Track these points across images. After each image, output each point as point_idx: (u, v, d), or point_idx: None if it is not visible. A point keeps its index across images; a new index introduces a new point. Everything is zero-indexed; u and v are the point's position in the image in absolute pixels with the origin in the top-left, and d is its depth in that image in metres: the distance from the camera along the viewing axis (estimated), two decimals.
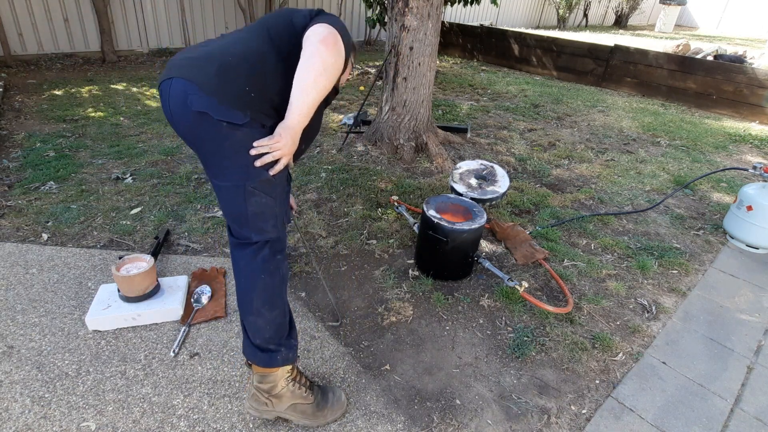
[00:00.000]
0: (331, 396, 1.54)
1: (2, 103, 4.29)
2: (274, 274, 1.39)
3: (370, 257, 2.42)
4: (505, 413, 1.62)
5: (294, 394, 1.45)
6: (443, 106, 5.24)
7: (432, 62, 3.54)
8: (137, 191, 2.89)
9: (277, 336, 1.41)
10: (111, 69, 5.89)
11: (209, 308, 1.95)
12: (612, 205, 3.19)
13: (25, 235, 2.39)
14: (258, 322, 1.39)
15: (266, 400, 1.44)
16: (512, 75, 7.38)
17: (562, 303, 2.15)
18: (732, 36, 15.70)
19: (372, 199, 2.97)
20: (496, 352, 1.88)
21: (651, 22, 17.69)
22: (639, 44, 8.52)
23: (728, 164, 4.13)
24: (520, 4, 12.86)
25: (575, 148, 4.22)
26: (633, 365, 1.86)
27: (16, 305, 1.91)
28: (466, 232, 2.10)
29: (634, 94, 6.53)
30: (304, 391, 1.47)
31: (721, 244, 2.83)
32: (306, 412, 1.47)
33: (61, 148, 3.42)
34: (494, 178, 2.71)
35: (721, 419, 1.66)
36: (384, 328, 1.96)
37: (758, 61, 7.13)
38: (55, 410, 1.49)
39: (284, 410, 1.46)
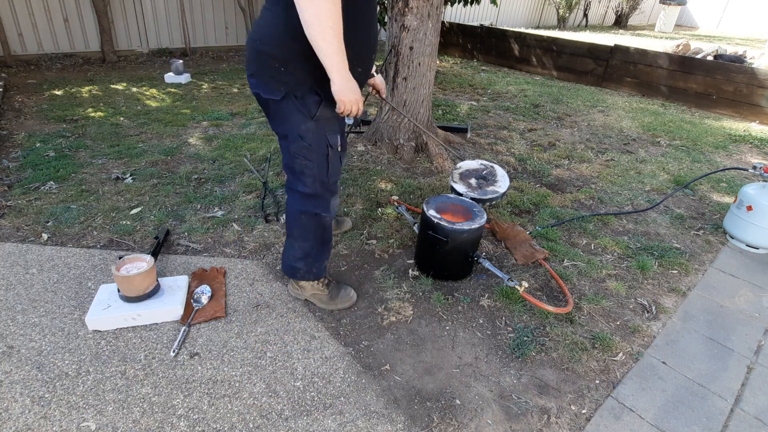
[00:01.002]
0: (342, 292, 2.05)
1: (2, 103, 4.29)
2: (310, 221, 1.82)
3: (370, 257, 2.42)
4: (505, 413, 1.62)
5: (314, 287, 2.00)
6: (443, 106, 5.24)
7: (432, 62, 3.54)
8: (137, 191, 2.89)
9: (302, 261, 1.90)
10: (111, 69, 5.89)
11: (209, 308, 1.95)
12: (612, 205, 3.19)
13: (25, 235, 2.39)
14: (291, 245, 1.90)
15: (297, 287, 2.04)
16: (512, 75, 7.38)
17: (562, 303, 2.15)
18: (732, 36, 15.70)
19: (372, 199, 2.97)
20: (496, 352, 1.88)
21: (651, 22, 17.69)
22: (639, 44, 8.52)
23: (728, 164, 4.13)
24: (520, 4, 12.86)
25: (575, 148, 4.23)
26: (633, 365, 1.86)
27: (16, 305, 1.91)
28: (466, 232, 2.10)
29: (634, 94, 6.53)
30: (322, 286, 2.01)
31: (721, 244, 2.83)
32: (322, 300, 2.03)
33: (61, 148, 3.42)
34: (494, 178, 2.71)
35: (721, 419, 1.66)
36: (384, 328, 1.96)
37: (758, 61, 7.13)
38: (55, 410, 1.49)
39: (308, 296, 2.04)
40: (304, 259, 1.90)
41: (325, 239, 1.91)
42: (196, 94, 5.12)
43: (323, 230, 1.87)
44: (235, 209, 2.76)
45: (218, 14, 7.28)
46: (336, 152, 1.75)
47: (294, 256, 1.90)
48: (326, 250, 1.95)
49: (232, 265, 2.27)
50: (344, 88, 1.49)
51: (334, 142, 1.73)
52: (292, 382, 1.67)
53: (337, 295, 2.03)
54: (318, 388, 1.65)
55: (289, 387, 1.65)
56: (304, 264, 1.91)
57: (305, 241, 1.86)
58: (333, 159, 1.75)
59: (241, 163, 3.37)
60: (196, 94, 5.09)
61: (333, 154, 1.73)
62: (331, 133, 1.71)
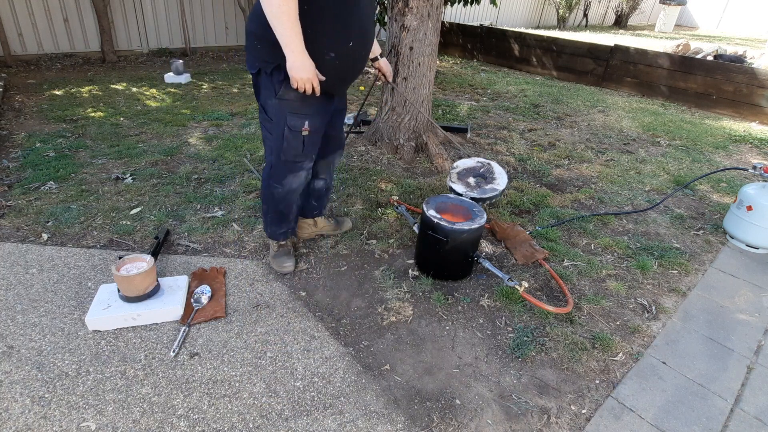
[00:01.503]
0: (282, 258, 2.25)
1: (2, 103, 4.29)
2: (267, 189, 2.06)
3: (370, 257, 2.42)
4: (505, 413, 1.62)
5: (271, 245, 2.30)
6: (443, 106, 5.24)
7: (432, 62, 3.54)
8: (137, 191, 2.89)
9: (263, 218, 2.22)
10: (111, 69, 5.89)
11: (209, 308, 1.95)
12: (612, 205, 3.19)
13: (25, 235, 2.39)
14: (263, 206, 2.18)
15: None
16: (512, 75, 7.38)
17: (562, 303, 2.15)
18: (732, 36, 15.70)
19: (372, 199, 2.97)
20: (496, 352, 1.88)
21: (651, 22, 17.68)
22: (639, 44, 8.52)
23: (728, 164, 4.13)
24: (520, 4, 12.86)
25: (575, 148, 4.23)
26: (633, 365, 1.86)
27: (16, 305, 1.91)
28: (466, 232, 2.10)
29: (634, 94, 6.53)
30: (276, 247, 2.28)
31: (721, 244, 2.83)
32: (269, 255, 2.32)
33: (61, 148, 3.42)
34: (492, 175, 2.71)
35: (721, 419, 1.66)
36: (384, 328, 1.96)
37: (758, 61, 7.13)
38: (55, 410, 1.49)
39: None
40: (264, 218, 2.20)
41: (279, 209, 2.11)
42: (196, 94, 5.12)
43: (275, 201, 2.07)
44: (235, 209, 2.76)
45: (218, 14, 7.28)
46: (296, 134, 1.87)
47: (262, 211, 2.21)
48: (281, 219, 2.16)
49: (232, 265, 2.27)
50: (295, 66, 1.63)
51: (294, 123, 1.85)
52: (292, 382, 1.67)
53: (277, 258, 2.25)
54: (318, 388, 1.65)
55: (289, 387, 1.65)
56: (263, 221, 2.22)
57: (264, 203, 2.14)
58: (290, 139, 1.88)
59: (241, 163, 3.37)
60: (196, 94, 5.09)
61: (290, 134, 1.87)
62: (293, 115, 1.83)
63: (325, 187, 2.38)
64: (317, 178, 2.31)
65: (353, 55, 1.81)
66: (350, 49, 1.77)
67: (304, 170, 2.04)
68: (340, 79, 1.88)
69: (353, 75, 1.94)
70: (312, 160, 2.04)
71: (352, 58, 1.82)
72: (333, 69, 1.77)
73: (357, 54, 1.82)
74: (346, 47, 1.74)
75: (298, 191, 2.10)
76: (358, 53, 1.82)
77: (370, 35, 1.86)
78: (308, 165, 2.04)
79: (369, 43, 1.88)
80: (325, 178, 2.34)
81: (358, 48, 1.80)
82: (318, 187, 2.35)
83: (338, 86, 1.91)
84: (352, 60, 1.83)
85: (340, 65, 1.78)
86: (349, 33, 1.72)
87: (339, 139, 2.24)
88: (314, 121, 1.90)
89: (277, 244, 2.28)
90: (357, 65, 1.89)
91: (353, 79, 1.99)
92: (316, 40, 1.67)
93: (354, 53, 1.80)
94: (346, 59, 1.79)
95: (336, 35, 1.70)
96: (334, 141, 2.20)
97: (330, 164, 2.30)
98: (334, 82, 1.84)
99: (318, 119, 1.91)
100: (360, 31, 1.76)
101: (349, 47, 1.76)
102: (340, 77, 1.86)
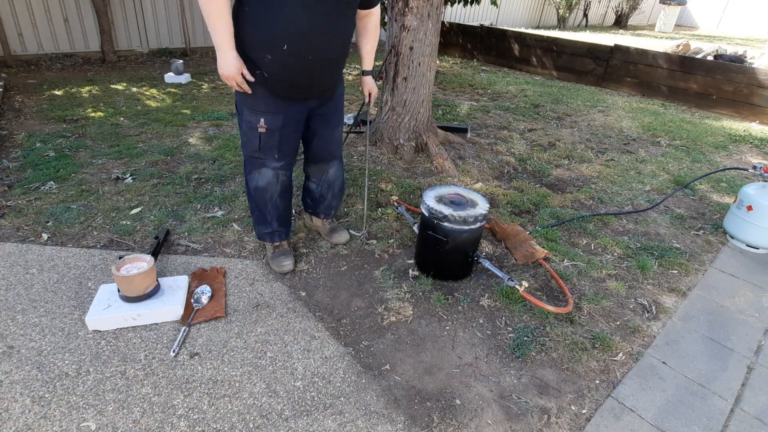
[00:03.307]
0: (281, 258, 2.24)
1: (2, 103, 4.29)
2: (246, 183, 2.10)
3: (370, 257, 2.42)
4: (505, 413, 1.62)
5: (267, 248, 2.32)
6: (443, 106, 5.24)
7: (432, 62, 3.54)
8: (137, 191, 2.89)
9: (253, 220, 2.23)
10: (111, 69, 5.89)
11: (209, 308, 1.95)
12: (612, 205, 3.19)
13: (25, 235, 2.39)
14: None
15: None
16: (512, 75, 7.38)
17: (562, 303, 2.15)
18: (732, 36, 15.69)
19: (372, 199, 2.97)
20: (496, 352, 1.88)
21: (651, 22, 17.68)
22: (639, 44, 8.52)
23: (728, 164, 4.13)
24: (520, 4, 12.86)
25: (575, 148, 4.22)
26: (633, 365, 1.86)
27: (16, 305, 1.91)
28: (466, 231, 2.10)
29: (634, 94, 6.53)
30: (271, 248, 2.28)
31: (721, 244, 2.83)
32: (267, 257, 2.33)
33: (61, 148, 3.42)
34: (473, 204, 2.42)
35: (721, 419, 1.66)
36: (384, 328, 1.96)
37: (758, 61, 7.13)
38: (55, 410, 1.49)
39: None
40: (251, 216, 2.22)
41: (258, 204, 2.11)
42: (196, 94, 5.12)
43: (250, 197, 2.11)
44: (235, 209, 2.76)
45: None
46: (252, 130, 1.89)
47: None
48: (262, 219, 2.16)
49: (232, 265, 2.27)
50: (219, 62, 1.70)
51: (249, 119, 1.88)
52: (292, 382, 1.67)
53: (275, 259, 2.24)
54: (318, 388, 1.65)
55: (289, 387, 1.65)
56: (256, 225, 2.22)
57: (248, 200, 2.17)
58: (248, 133, 1.92)
59: (241, 163, 3.37)
60: (196, 94, 5.09)
61: (247, 129, 1.91)
62: (249, 110, 1.86)
63: (318, 193, 2.34)
64: (309, 179, 2.33)
65: (296, 59, 1.73)
66: (287, 52, 1.69)
67: (270, 169, 2.00)
68: (292, 84, 1.82)
69: (310, 81, 1.86)
70: (279, 160, 1.99)
71: (297, 63, 1.74)
72: (277, 71, 1.75)
73: (300, 59, 1.74)
74: (280, 50, 1.69)
75: (269, 192, 2.06)
76: (301, 58, 1.73)
77: (319, 40, 1.73)
78: (274, 165, 1.99)
79: (322, 49, 1.77)
80: (316, 183, 2.30)
81: (300, 52, 1.71)
82: (310, 189, 2.35)
83: (292, 90, 1.85)
84: (296, 64, 1.75)
85: (282, 68, 1.74)
86: (280, 35, 1.66)
87: (327, 147, 2.17)
88: (272, 120, 1.87)
89: (271, 245, 2.28)
90: (309, 69, 1.79)
91: (316, 85, 1.92)
92: (253, 40, 1.69)
93: (295, 57, 1.72)
94: (288, 62, 1.73)
95: (266, 37, 1.68)
96: (320, 147, 2.15)
97: (322, 171, 2.26)
98: (283, 85, 1.80)
99: (278, 119, 1.88)
100: (297, 35, 1.67)
101: (284, 50, 1.69)
102: (290, 81, 1.81)
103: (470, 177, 3.43)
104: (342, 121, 2.21)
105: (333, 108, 2.09)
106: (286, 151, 2.00)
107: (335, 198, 2.40)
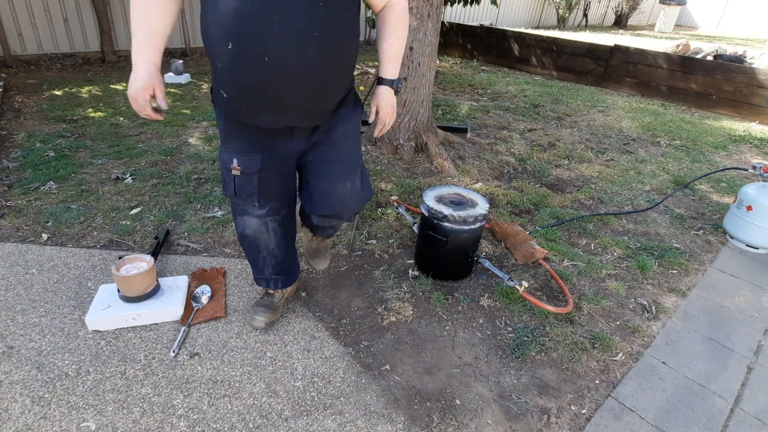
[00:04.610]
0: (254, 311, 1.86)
1: (2, 103, 4.29)
2: (235, 226, 1.71)
3: (370, 257, 2.42)
4: (505, 413, 1.62)
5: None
6: (443, 106, 5.24)
7: (432, 62, 3.54)
8: (137, 191, 2.89)
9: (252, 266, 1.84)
10: (111, 69, 5.88)
11: (209, 308, 1.95)
12: (612, 205, 3.19)
13: (25, 235, 2.39)
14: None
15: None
16: (512, 75, 7.38)
17: (562, 303, 2.15)
18: (732, 36, 15.70)
19: (372, 199, 2.97)
20: (496, 352, 1.88)
21: (651, 22, 17.68)
22: (639, 44, 8.52)
23: (728, 164, 4.13)
24: (520, 4, 12.86)
25: (575, 148, 4.22)
26: (633, 365, 1.86)
27: (16, 305, 1.91)
28: (466, 231, 2.10)
29: (634, 94, 6.53)
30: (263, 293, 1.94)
31: (721, 244, 2.83)
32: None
33: (60, 148, 3.42)
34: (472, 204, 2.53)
35: (721, 419, 1.66)
36: (384, 328, 1.96)
37: (758, 61, 7.13)
38: (55, 410, 1.49)
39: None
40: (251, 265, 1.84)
41: (248, 252, 1.76)
42: (196, 94, 5.12)
43: (238, 237, 1.73)
44: None
45: None
46: (227, 170, 1.49)
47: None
48: (255, 265, 1.80)
49: (232, 265, 2.27)
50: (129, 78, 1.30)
51: (223, 158, 1.49)
52: (292, 382, 1.67)
53: (252, 308, 1.88)
54: (318, 388, 1.65)
55: (289, 387, 1.65)
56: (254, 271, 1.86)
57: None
58: (224, 174, 1.52)
59: None
60: (196, 94, 5.09)
61: (224, 170, 1.51)
62: (223, 148, 1.49)
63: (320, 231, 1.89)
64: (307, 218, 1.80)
65: (247, 63, 1.20)
66: (233, 52, 1.19)
67: (253, 217, 1.60)
68: (252, 104, 1.30)
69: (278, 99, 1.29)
70: (262, 207, 1.57)
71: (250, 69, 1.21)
72: (228, 84, 1.28)
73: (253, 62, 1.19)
74: (226, 50, 1.20)
75: (261, 241, 1.68)
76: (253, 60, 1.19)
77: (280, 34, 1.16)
78: (257, 212, 1.58)
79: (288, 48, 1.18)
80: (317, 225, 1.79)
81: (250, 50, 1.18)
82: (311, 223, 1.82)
83: (259, 116, 1.34)
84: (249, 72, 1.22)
85: (232, 79, 1.26)
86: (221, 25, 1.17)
87: (331, 204, 1.60)
88: (248, 162, 1.45)
89: (263, 289, 1.93)
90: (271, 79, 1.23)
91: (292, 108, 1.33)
92: (205, 41, 1.26)
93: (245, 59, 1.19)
94: (237, 69, 1.23)
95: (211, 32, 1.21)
96: (322, 204, 1.60)
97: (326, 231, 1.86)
98: (241, 106, 1.33)
99: (255, 160, 1.45)
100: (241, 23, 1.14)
101: (230, 50, 1.19)
102: (249, 100, 1.29)
103: (470, 177, 3.43)
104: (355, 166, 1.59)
105: (333, 150, 1.52)
106: (272, 197, 1.56)
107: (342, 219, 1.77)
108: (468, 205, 2.16)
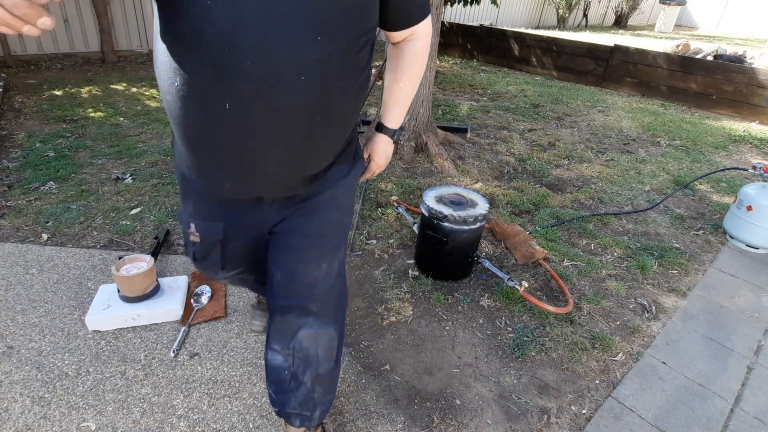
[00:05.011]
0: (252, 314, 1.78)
1: (2, 103, 4.29)
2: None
3: (370, 257, 2.42)
4: (505, 413, 1.62)
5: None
6: (443, 106, 5.24)
7: (432, 62, 3.54)
8: (137, 191, 2.89)
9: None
10: (111, 69, 5.88)
11: (209, 308, 1.95)
12: (612, 205, 3.19)
13: (25, 235, 2.39)
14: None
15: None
16: (512, 75, 7.38)
17: (562, 303, 2.15)
18: (732, 36, 15.70)
19: (372, 199, 2.97)
20: (496, 352, 1.88)
21: (651, 22, 17.68)
22: (639, 44, 8.52)
23: (728, 164, 4.13)
24: (520, 4, 12.86)
25: (575, 148, 4.23)
26: (633, 365, 1.86)
27: (16, 305, 1.91)
28: (466, 232, 2.10)
29: (634, 94, 6.53)
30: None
31: (721, 244, 2.83)
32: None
33: (60, 148, 3.42)
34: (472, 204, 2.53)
35: (721, 419, 1.66)
36: (384, 328, 1.96)
37: (758, 61, 7.13)
38: (55, 410, 1.49)
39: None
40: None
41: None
42: None
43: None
44: None
45: None
46: (186, 233, 1.19)
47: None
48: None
49: None
50: None
51: (181, 218, 1.19)
52: None
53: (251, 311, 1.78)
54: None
55: None
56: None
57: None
58: (184, 234, 1.21)
59: None
60: None
61: (183, 233, 1.22)
62: (183, 206, 1.17)
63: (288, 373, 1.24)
64: (270, 348, 1.25)
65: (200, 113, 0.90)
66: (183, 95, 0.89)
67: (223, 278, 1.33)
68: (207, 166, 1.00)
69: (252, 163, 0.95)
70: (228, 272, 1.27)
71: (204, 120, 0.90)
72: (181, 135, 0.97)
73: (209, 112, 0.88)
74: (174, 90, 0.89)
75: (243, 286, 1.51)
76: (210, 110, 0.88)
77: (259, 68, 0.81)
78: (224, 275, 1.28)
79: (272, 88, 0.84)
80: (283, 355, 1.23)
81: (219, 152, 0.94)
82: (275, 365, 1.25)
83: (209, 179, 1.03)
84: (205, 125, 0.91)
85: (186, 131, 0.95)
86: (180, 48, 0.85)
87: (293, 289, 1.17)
88: (205, 229, 1.15)
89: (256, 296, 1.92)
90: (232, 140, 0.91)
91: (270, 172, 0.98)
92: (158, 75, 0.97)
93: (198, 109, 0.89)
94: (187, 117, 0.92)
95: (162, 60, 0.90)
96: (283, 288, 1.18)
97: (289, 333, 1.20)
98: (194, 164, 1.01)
99: (217, 229, 1.13)
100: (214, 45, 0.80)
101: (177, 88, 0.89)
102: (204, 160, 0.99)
103: (470, 177, 3.43)
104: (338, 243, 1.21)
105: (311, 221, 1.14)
106: (241, 263, 1.26)
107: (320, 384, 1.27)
108: (468, 205, 2.16)
